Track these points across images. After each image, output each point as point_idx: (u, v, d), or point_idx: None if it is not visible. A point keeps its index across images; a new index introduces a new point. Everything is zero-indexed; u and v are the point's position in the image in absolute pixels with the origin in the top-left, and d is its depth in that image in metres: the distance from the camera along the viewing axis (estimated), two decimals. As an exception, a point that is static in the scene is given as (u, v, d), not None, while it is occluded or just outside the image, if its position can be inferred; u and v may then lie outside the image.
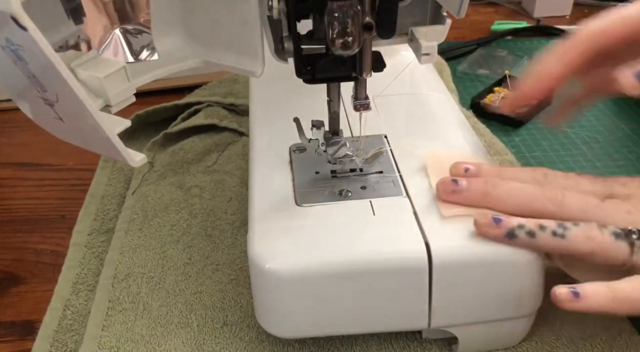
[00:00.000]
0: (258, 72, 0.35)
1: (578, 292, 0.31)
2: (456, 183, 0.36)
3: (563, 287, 0.32)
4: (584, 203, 0.35)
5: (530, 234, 0.33)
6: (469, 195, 0.36)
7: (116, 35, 0.33)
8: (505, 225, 0.34)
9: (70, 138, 0.32)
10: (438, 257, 0.35)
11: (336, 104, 0.39)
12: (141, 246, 0.51)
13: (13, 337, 0.46)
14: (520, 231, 0.33)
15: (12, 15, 0.22)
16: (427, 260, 0.35)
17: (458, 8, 0.35)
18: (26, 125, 0.33)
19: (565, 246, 0.33)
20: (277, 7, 0.32)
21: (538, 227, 0.33)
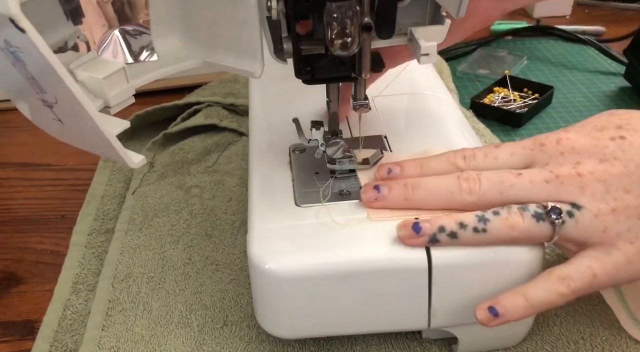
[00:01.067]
0: (257, 73, 0.34)
1: (497, 312, 0.32)
2: (378, 190, 0.37)
3: (482, 309, 0.33)
4: (499, 184, 0.34)
5: (452, 235, 0.33)
6: (391, 201, 0.36)
7: (115, 36, 0.33)
8: (426, 232, 0.34)
9: (70, 139, 0.32)
10: (438, 257, 0.35)
11: (335, 104, 0.39)
12: (141, 246, 0.51)
13: (13, 337, 0.46)
14: (441, 235, 0.33)
15: (10, 17, 0.22)
16: (427, 260, 0.35)
17: (457, 8, 0.35)
18: (26, 125, 0.33)
19: (488, 240, 0.33)
20: (276, 8, 0.32)
21: (458, 226, 0.33)
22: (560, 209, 0.32)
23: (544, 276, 0.32)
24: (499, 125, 0.66)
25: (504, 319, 0.32)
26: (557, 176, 0.33)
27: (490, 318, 0.32)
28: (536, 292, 0.32)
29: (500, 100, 0.69)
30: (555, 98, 0.70)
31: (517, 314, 0.32)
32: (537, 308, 0.32)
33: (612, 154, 0.32)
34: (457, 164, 0.37)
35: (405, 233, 0.34)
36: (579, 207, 0.32)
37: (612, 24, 0.93)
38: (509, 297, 0.32)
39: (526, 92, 0.69)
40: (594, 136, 0.33)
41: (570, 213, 0.32)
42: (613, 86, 0.72)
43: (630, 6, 1.01)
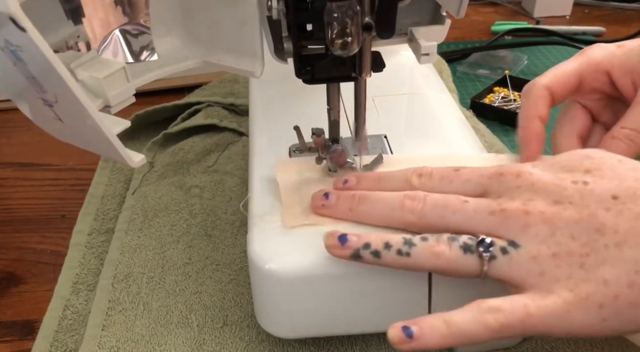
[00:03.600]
0: (257, 73, 0.35)
1: (412, 334, 0.29)
2: (326, 197, 0.37)
3: (395, 328, 0.29)
4: (442, 208, 0.33)
5: (376, 254, 0.32)
6: (337, 209, 0.37)
7: (116, 35, 0.33)
8: (350, 246, 0.33)
9: (70, 139, 0.32)
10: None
11: (336, 112, 0.39)
12: (141, 246, 0.51)
13: (13, 337, 0.46)
14: (365, 252, 0.33)
15: (11, 16, 0.22)
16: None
17: (457, 8, 0.35)
18: (26, 125, 0.33)
19: (411, 265, 0.32)
20: (277, 8, 0.32)
21: (383, 246, 0.32)
22: (492, 243, 0.31)
23: (474, 305, 0.30)
24: (499, 125, 0.66)
25: (417, 343, 0.29)
26: (503, 209, 0.31)
27: (402, 339, 0.29)
28: (460, 319, 0.29)
29: (500, 100, 0.69)
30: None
31: (433, 340, 0.29)
32: (457, 338, 0.29)
33: (569, 198, 0.30)
34: (412, 182, 0.36)
35: (330, 242, 0.34)
36: (517, 246, 0.30)
37: (612, 24, 0.94)
38: (428, 319, 0.30)
39: (526, 93, 0.69)
40: (558, 176, 0.32)
41: (505, 250, 0.30)
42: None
43: (630, 6, 1.01)
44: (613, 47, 0.40)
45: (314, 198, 0.38)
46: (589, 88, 0.40)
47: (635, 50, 0.39)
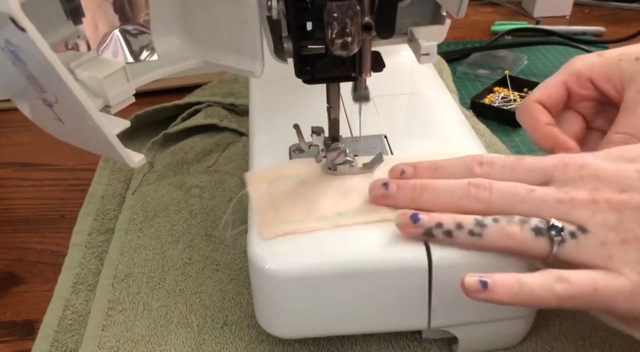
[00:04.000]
0: (257, 73, 0.35)
1: (487, 282, 0.31)
2: (386, 187, 0.37)
3: (473, 276, 0.32)
4: (510, 196, 0.34)
5: (448, 233, 0.33)
6: (398, 200, 0.36)
7: (116, 35, 0.33)
8: (423, 224, 0.34)
9: (70, 139, 0.32)
10: (438, 257, 0.35)
11: (336, 110, 0.39)
12: (141, 246, 0.51)
13: (13, 337, 0.46)
14: (437, 231, 0.34)
15: (11, 16, 0.22)
16: (427, 260, 0.35)
17: (457, 8, 0.35)
18: (26, 125, 0.33)
19: (483, 245, 0.33)
20: (277, 7, 0.32)
21: (456, 226, 0.33)
22: (563, 228, 0.32)
23: (545, 272, 0.32)
24: (499, 125, 0.66)
25: (489, 295, 0.31)
26: (571, 198, 0.32)
27: (477, 288, 0.31)
28: (532, 281, 0.31)
29: (500, 100, 0.69)
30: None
31: (505, 294, 0.31)
32: (526, 298, 0.31)
33: (635, 187, 0.32)
34: (473, 170, 0.36)
35: (403, 220, 0.34)
36: (585, 231, 0.31)
37: (612, 24, 0.94)
38: (503, 276, 0.31)
39: (526, 92, 0.69)
40: (619, 166, 0.33)
41: (574, 234, 0.32)
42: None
43: (630, 6, 1.01)
44: (594, 56, 0.41)
45: (372, 189, 0.37)
46: (578, 97, 0.42)
47: (614, 58, 0.40)
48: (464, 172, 0.37)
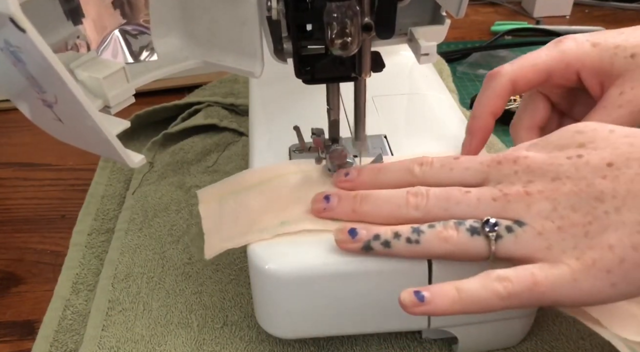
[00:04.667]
0: (257, 73, 0.35)
1: (424, 296, 0.30)
2: (327, 200, 0.37)
3: (408, 292, 0.31)
4: (445, 201, 0.33)
5: (386, 244, 0.33)
6: (339, 212, 0.36)
7: (115, 36, 0.33)
8: (361, 238, 0.34)
9: (70, 139, 0.32)
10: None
11: (336, 112, 0.39)
12: (141, 246, 0.51)
13: (13, 337, 0.46)
14: (375, 243, 0.33)
15: (11, 16, 0.22)
16: (426, 260, 0.35)
17: (457, 8, 0.35)
18: (26, 125, 0.33)
19: (421, 252, 0.33)
20: (276, 8, 0.32)
21: (393, 235, 0.33)
22: (497, 223, 0.31)
23: (483, 274, 0.31)
24: (499, 125, 0.65)
25: (428, 307, 0.30)
26: (505, 194, 0.32)
27: (414, 302, 0.30)
28: (471, 286, 0.30)
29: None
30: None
31: (444, 305, 0.30)
32: (467, 304, 0.30)
33: (565, 173, 0.31)
34: (413, 171, 0.36)
35: (341, 237, 0.34)
36: (522, 224, 0.31)
37: (612, 24, 0.94)
38: (440, 286, 0.31)
39: (526, 92, 0.69)
40: (552, 155, 0.32)
41: (510, 228, 0.31)
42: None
43: (630, 6, 1.01)
44: (588, 45, 0.40)
45: (314, 201, 0.37)
46: (555, 83, 0.41)
47: (609, 51, 0.39)
48: (405, 174, 0.37)
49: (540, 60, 0.40)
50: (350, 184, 0.38)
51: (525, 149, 0.34)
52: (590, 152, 0.31)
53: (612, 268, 0.28)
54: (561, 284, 0.29)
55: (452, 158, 0.36)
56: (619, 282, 0.28)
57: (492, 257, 0.31)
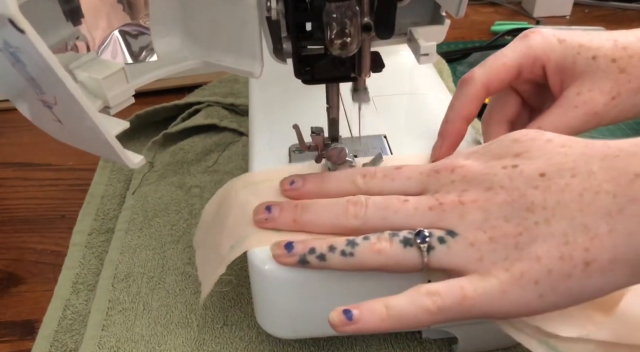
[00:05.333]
0: (257, 73, 0.34)
1: (352, 316, 0.30)
2: (269, 211, 0.36)
3: (337, 311, 0.30)
4: (384, 210, 0.33)
5: (321, 257, 0.33)
6: (281, 222, 0.36)
7: (115, 36, 0.33)
8: (296, 252, 0.33)
9: (69, 140, 0.32)
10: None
11: (335, 110, 0.39)
12: (141, 246, 0.51)
13: (13, 337, 0.46)
14: (311, 257, 0.33)
15: (10, 17, 0.22)
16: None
17: (457, 8, 0.35)
18: (26, 125, 0.33)
19: (356, 264, 0.32)
20: (276, 8, 0.32)
21: (328, 249, 0.33)
22: (430, 234, 0.31)
23: (413, 289, 0.30)
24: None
25: (357, 326, 0.30)
26: (441, 203, 0.32)
27: (343, 322, 0.30)
28: (399, 302, 0.30)
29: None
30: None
31: (373, 323, 0.30)
32: (396, 320, 0.30)
33: (499, 183, 0.31)
34: (356, 182, 0.36)
35: (277, 251, 0.34)
36: (454, 234, 0.31)
37: (612, 24, 0.94)
38: (369, 303, 0.30)
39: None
40: (488, 164, 0.32)
41: (442, 239, 0.31)
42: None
43: (630, 6, 1.01)
44: (554, 39, 0.40)
45: (256, 212, 0.37)
46: (525, 79, 0.41)
47: (573, 49, 0.39)
48: (349, 184, 0.37)
49: (509, 58, 0.40)
50: (295, 193, 0.38)
51: (464, 158, 0.34)
52: (525, 162, 0.31)
53: (539, 279, 0.28)
54: (490, 296, 0.29)
55: (394, 168, 0.36)
56: (547, 293, 0.28)
57: (426, 269, 0.31)
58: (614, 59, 0.38)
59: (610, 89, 0.38)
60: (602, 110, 0.38)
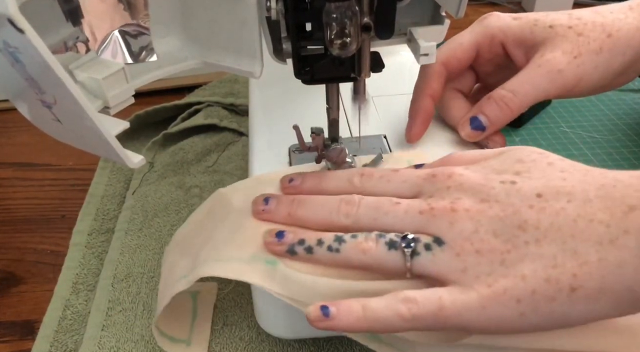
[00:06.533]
0: (257, 73, 0.34)
1: (329, 312, 0.30)
2: (266, 202, 0.36)
3: (315, 305, 0.31)
4: (375, 210, 0.33)
5: (308, 249, 0.33)
6: (276, 214, 0.36)
7: (115, 36, 0.33)
8: (286, 241, 0.33)
9: (69, 140, 0.32)
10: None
11: (335, 111, 0.39)
12: (141, 246, 0.51)
13: (13, 337, 0.46)
14: (299, 248, 0.33)
15: (9, 17, 0.22)
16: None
17: (457, 8, 0.35)
18: (26, 125, 0.33)
19: (340, 261, 0.32)
20: (276, 8, 0.32)
21: (316, 242, 0.33)
22: (416, 239, 0.31)
23: (392, 294, 0.30)
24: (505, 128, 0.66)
25: (332, 323, 0.30)
26: (432, 208, 0.32)
27: (319, 317, 0.30)
28: (376, 305, 0.30)
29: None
30: (555, 98, 0.69)
31: (348, 321, 0.30)
32: (371, 322, 0.30)
33: (495, 196, 0.31)
34: (353, 182, 0.36)
35: (268, 239, 0.34)
36: (442, 243, 0.30)
37: (612, 24, 0.93)
38: (348, 302, 0.31)
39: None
40: (487, 177, 0.32)
41: (429, 246, 0.31)
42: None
43: (631, 6, 1.01)
44: (509, 18, 0.43)
45: (254, 203, 0.37)
46: (484, 60, 0.44)
47: (529, 23, 0.42)
48: (346, 183, 0.37)
49: (466, 38, 0.43)
50: (294, 190, 0.38)
51: (464, 168, 0.34)
52: (525, 180, 0.31)
53: (522, 298, 0.28)
54: (468, 310, 0.29)
55: (391, 170, 0.36)
56: (528, 312, 0.28)
57: (409, 274, 0.31)
58: (570, 26, 0.41)
59: (571, 49, 0.40)
60: (566, 69, 0.40)
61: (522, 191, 0.30)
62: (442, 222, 0.31)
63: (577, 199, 0.29)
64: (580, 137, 0.62)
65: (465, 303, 0.29)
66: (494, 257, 0.29)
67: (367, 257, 0.32)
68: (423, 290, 0.30)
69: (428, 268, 0.30)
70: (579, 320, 0.28)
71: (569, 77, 0.40)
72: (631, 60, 0.41)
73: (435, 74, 0.43)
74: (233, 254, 0.35)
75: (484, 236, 0.30)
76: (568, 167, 0.31)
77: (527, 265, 0.28)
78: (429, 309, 0.29)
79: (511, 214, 0.30)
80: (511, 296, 0.28)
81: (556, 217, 0.29)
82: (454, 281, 0.30)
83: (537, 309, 0.28)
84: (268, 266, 0.34)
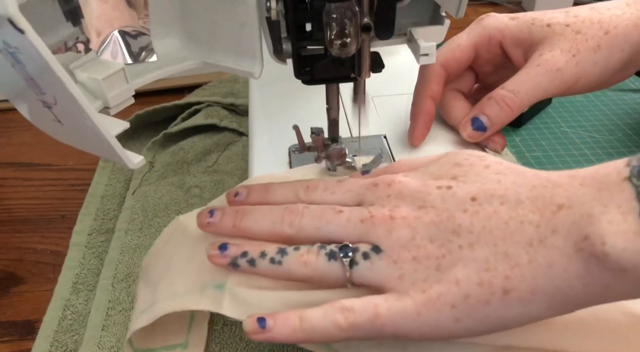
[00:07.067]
0: (257, 73, 0.34)
1: (265, 325, 0.30)
2: (211, 214, 0.36)
3: (252, 318, 0.30)
4: (318, 219, 0.33)
5: (251, 262, 0.32)
6: (220, 226, 0.35)
7: (115, 36, 0.33)
8: (229, 254, 0.33)
9: (69, 140, 0.32)
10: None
11: (335, 111, 0.39)
12: (141, 246, 0.51)
13: (13, 337, 0.46)
14: (242, 260, 0.33)
15: (9, 17, 0.22)
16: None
17: (457, 8, 0.35)
18: (26, 125, 0.33)
19: (283, 273, 0.32)
20: (276, 9, 0.32)
21: (259, 254, 0.32)
22: (354, 249, 0.31)
23: (329, 303, 0.30)
24: (506, 128, 0.66)
25: (269, 335, 0.30)
26: (372, 216, 0.31)
27: (256, 329, 0.30)
28: (313, 315, 0.30)
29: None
30: (555, 98, 0.70)
31: (285, 333, 0.30)
32: (307, 333, 0.29)
33: (432, 202, 0.30)
34: (299, 194, 0.36)
35: (211, 251, 0.34)
36: (379, 251, 0.30)
37: (612, 24, 0.93)
38: (285, 313, 0.30)
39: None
40: (425, 183, 0.32)
41: (367, 255, 0.30)
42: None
43: (631, 6, 1.01)
44: (507, 18, 0.43)
45: (199, 216, 0.36)
46: (482, 60, 0.44)
47: (527, 22, 0.42)
48: (292, 195, 0.36)
49: (464, 39, 0.44)
50: (239, 204, 0.37)
51: (403, 174, 0.34)
52: (460, 185, 0.31)
53: (456, 303, 0.28)
54: (403, 317, 0.28)
55: (335, 180, 0.36)
56: (464, 317, 0.28)
57: (350, 284, 0.31)
58: (567, 24, 0.41)
59: (569, 48, 0.40)
60: (565, 67, 0.40)
61: (457, 196, 0.30)
62: (381, 230, 0.31)
63: (510, 201, 0.29)
64: (580, 137, 0.62)
65: (400, 310, 0.29)
66: (430, 263, 0.29)
67: (308, 269, 0.31)
68: (360, 298, 0.30)
69: (367, 277, 0.30)
70: (515, 322, 0.28)
71: (568, 75, 0.40)
72: (629, 56, 0.41)
73: (434, 75, 0.43)
74: (186, 286, 0.35)
75: (420, 242, 0.30)
76: (503, 169, 0.31)
77: (460, 269, 0.28)
78: (365, 317, 0.29)
79: (446, 219, 0.29)
80: (445, 302, 0.28)
81: (489, 220, 0.28)
82: (392, 288, 0.29)
83: (472, 314, 0.28)
84: (217, 291, 0.33)
